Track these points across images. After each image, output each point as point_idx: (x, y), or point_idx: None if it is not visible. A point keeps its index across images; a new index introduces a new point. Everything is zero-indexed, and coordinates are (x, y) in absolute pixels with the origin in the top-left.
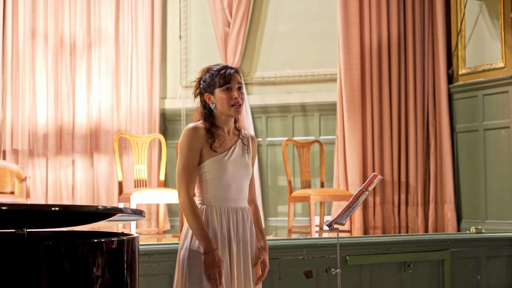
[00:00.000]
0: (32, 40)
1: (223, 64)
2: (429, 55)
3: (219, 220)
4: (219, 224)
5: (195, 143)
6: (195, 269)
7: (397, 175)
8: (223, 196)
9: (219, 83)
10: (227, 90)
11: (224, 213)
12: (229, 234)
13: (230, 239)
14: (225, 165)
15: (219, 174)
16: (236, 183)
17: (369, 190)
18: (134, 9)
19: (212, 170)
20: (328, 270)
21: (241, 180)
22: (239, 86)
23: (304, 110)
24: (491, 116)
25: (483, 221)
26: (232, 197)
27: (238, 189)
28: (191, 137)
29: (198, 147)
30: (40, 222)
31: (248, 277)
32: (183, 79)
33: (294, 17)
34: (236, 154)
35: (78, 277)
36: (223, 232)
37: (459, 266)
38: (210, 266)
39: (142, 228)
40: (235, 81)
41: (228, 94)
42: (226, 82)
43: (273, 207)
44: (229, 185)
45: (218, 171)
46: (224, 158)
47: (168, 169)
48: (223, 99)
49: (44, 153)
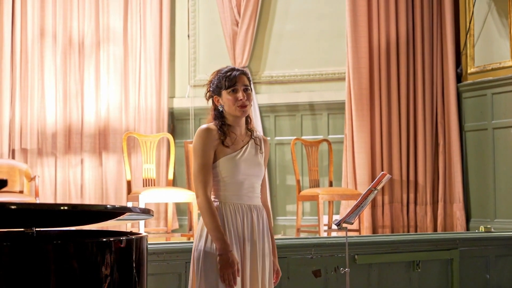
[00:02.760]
0: (41, 39)
1: (230, 66)
2: (438, 53)
3: (234, 217)
4: (234, 221)
5: (208, 143)
6: (210, 271)
7: (406, 174)
8: (237, 194)
9: (225, 86)
10: (233, 92)
11: (239, 210)
12: (243, 232)
13: (244, 237)
14: (238, 163)
15: (232, 172)
16: (249, 181)
17: (377, 189)
18: (142, 8)
19: (226, 168)
20: (336, 269)
21: (253, 178)
22: (245, 88)
23: (312, 109)
24: (500, 114)
25: (492, 220)
26: (245, 194)
27: (250, 187)
28: (205, 138)
29: (212, 147)
30: (49, 221)
31: (264, 274)
32: (191, 78)
33: (302, 16)
34: (248, 153)
35: (86, 276)
36: (238, 230)
37: (468, 265)
38: (225, 267)
39: (151, 227)
40: (240, 83)
41: (234, 96)
42: (232, 84)
43: (281, 206)
44: (242, 183)
45: (232, 169)
46: (237, 156)
47: (177, 168)
48: (229, 101)
49: (53, 152)
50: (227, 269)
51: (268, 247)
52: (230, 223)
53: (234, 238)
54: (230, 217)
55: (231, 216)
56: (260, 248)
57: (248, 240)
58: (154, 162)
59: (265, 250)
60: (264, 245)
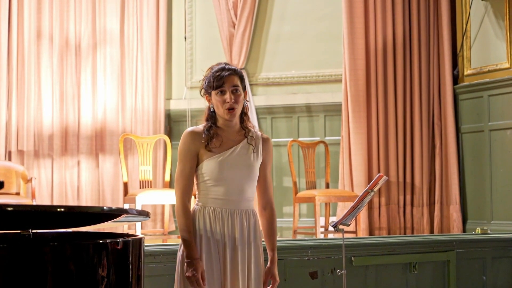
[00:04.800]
0: (38, 41)
1: (223, 64)
2: (435, 55)
3: (213, 222)
4: (213, 226)
5: (191, 147)
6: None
7: (403, 175)
8: (220, 198)
9: (213, 86)
10: (221, 93)
11: (218, 215)
12: (222, 238)
13: (225, 243)
14: (221, 165)
15: (215, 174)
16: (235, 184)
17: (374, 191)
18: (139, 10)
19: (209, 171)
20: (333, 271)
21: (242, 180)
22: (234, 89)
23: (309, 110)
24: (496, 116)
25: (489, 221)
26: (231, 198)
27: (237, 190)
28: (187, 142)
29: (194, 151)
30: (46, 223)
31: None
32: (188, 80)
33: (299, 17)
34: (237, 154)
35: (83, 278)
36: (216, 236)
37: (464, 267)
38: (189, 272)
39: (147, 229)
40: (229, 84)
41: (222, 98)
42: (220, 85)
43: (278, 208)
44: (227, 186)
45: (214, 171)
46: (219, 159)
47: (173, 170)
48: (217, 102)
49: (49, 154)
50: (191, 277)
51: (255, 254)
52: (208, 229)
53: (213, 244)
54: (209, 222)
55: (210, 222)
56: (245, 255)
57: (229, 246)
58: (150, 164)
59: (251, 256)
60: (250, 252)
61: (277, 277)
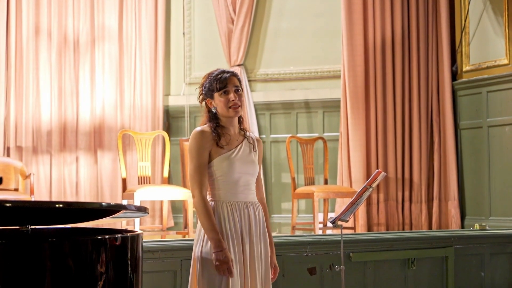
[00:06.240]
0: (36, 37)
1: (221, 69)
2: (433, 52)
3: (231, 215)
4: (231, 219)
5: (203, 144)
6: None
7: (401, 172)
8: (232, 192)
9: (217, 88)
10: (225, 93)
11: (235, 207)
12: (241, 229)
13: (242, 236)
14: (232, 161)
15: (227, 170)
16: (244, 179)
17: (372, 187)
18: (137, 6)
19: (221, 167)
20: (331, 266)
21: (248, 176)
22: (236, 89)
23: (307, 107)
24: (495, 113)
25: (487, 218)
26: (241, 191)
27: (246, 184)
28: (199, 139)
29: (207, 148)
30: (44, 219)
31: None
32: (186, 76)
33: (298, 13)
34: (243, 152)
35: (82, 274)
36: (235, 228)
37: (463, 263)
38: (220, 264)
39: (146, 225)
40: (231, 84)
41: (226, 98)
42: (223, 86)
43: (276, 204)
44: (237, 181)
45: (227, 168)
46: (231, 156)
47: (172, 166)
48: (222, 102)
49: (48, 150)
50: (222, 266)
51: (264, 244)
52: (227, 222)
53: (232, 238)
54: (227, 215)
55: (228, 214)
56: (259, 246)
57: (247, 239)
58: (149, 160)
59: (262, 247)
60: (261, 243)
61: (277, 266)
